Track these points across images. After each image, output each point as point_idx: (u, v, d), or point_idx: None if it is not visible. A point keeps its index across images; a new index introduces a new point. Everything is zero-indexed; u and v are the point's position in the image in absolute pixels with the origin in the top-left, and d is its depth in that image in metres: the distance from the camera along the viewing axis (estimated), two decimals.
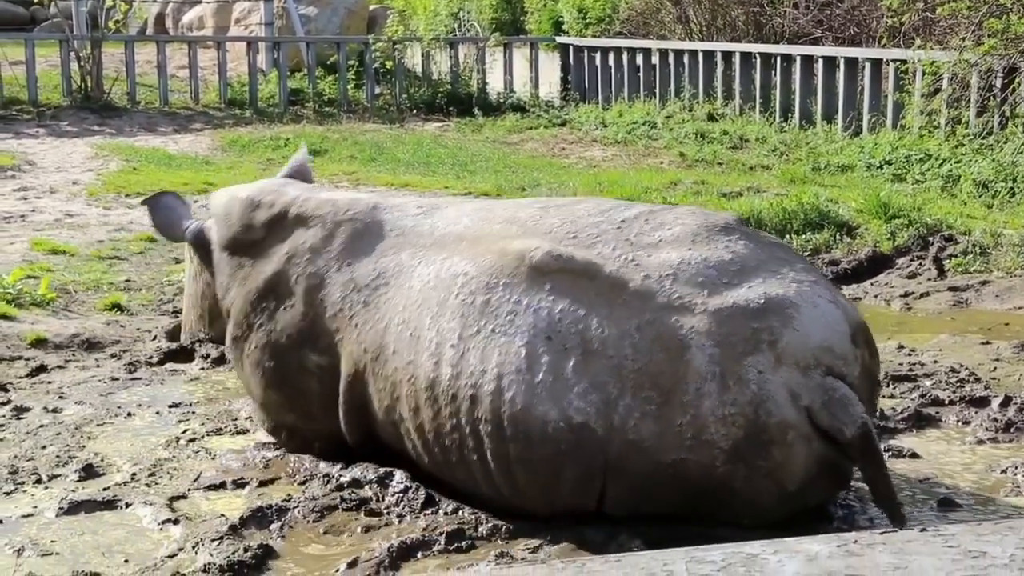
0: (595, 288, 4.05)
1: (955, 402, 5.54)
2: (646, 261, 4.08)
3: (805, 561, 2.13)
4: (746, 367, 3.83)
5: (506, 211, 4.62)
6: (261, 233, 5.15)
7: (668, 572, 2.10)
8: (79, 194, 12.11)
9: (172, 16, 25.11)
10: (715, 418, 3.83)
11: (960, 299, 7.78)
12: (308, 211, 5.05)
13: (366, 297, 4.62)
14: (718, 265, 4.03)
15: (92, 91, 18.55)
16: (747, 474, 3.86)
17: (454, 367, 4.16)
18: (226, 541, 4.15)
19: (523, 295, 4.13)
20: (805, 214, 9.36)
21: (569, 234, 4.28)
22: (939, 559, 2.11)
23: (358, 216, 4.89)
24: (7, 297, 7.52)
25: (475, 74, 20.26)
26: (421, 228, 4.70)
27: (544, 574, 2.09)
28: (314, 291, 4.81)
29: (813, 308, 3.96)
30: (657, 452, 3.87)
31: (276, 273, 4.97)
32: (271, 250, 5.06)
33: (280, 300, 4.93)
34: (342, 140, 15.98)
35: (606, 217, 4.34)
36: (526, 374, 4.00)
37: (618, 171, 13.00)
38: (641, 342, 3.91)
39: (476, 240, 4.45)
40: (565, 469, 3.98)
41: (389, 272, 4.61)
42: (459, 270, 4.34)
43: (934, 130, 12.49)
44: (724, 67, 16.36)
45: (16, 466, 4.99)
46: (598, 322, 3.97)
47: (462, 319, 4.21)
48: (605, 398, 3.90)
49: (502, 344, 4.08)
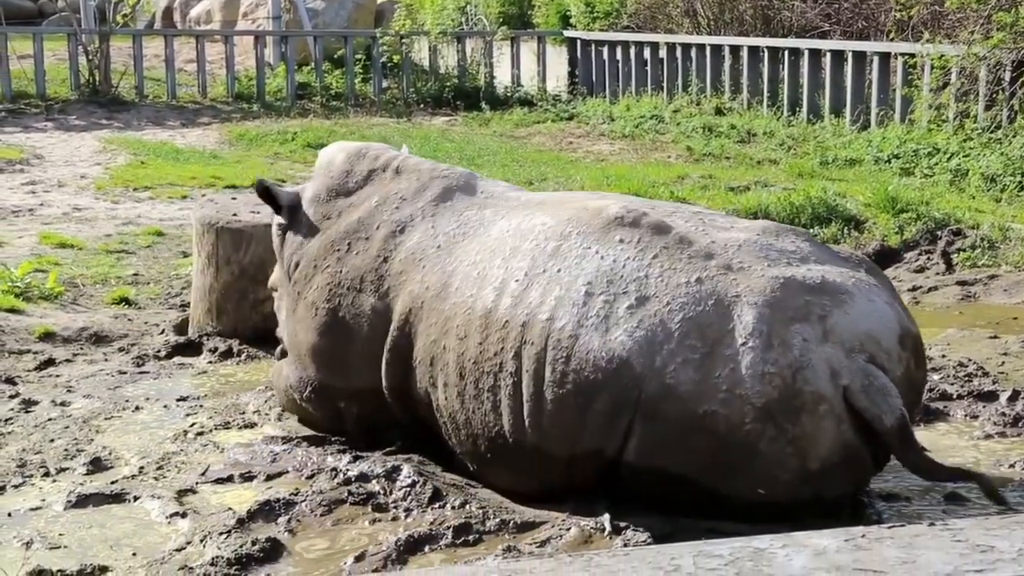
0: (663, 242, 4.23)
1: (963, 396, 5.53)
2: (716, 235, 4.30)
3: (813, 555, 2.12)
4: (792, 332, 3.93)
5: (589, 193, 4.94)
6: (359, 182, 5.31)
7: (675, 566, 2.10)
8: (87, 188, 12.12)
9: (180, 10, 25.12)
10: (753, 373, 3.89)
11: (968, 293, 7.77)
12: (409, 166, 5.25)
13: (442, 242, 4.80)
14: (783, 250, 4.23)
15: (100, 85, 18.57)
16: (773, 435, 3.89)
17: (515, 298, 4.34)
18: (234, 535, 4.16)
19: (594, 243, 4.32)
20: (813, 208, 9.35)
21: (649, 207, 4.52)
22: (947, 553, 2.11)
23: (453, 175, 5.13)
24: (15, 291, 7.53)
25: (482, 68, 20.25)
26: (510, 195, 4.97)
27: (551, 568, 2.09)
28: (393, 236, 4.96)
29: (868, 301, 4.08)
30: (691, 399, 3.93)
31: (360, 219, 5.12)
32: (363, 197, 5.22)
33: (356, 243, 5.06)
34: (349, 134, 15.98)
35: (685, 209, 4.64)
36: (581, 307, 4.17)
37: (625, 165, 12.99)
38: (697, 293, 4.04)
39: (560, 203, 4.71)
40: (597, 400, 4.05)
41: (471, 224, 4.81)
42: (538, 222, 4.56)
43: (942, 124, 12.47)
44: (732, 61, 16.34)
45: (24, 459, 5.00)
46: (659, 271, 4.14)
47: (532, 260, 4.41)
48: (651, 339, 4.01)
49: (565, 282, 4.26)
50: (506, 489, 4.44)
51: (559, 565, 2.08)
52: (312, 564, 4.03)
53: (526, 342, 4.22)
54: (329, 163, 5.47)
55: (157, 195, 11.63)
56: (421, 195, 5.05)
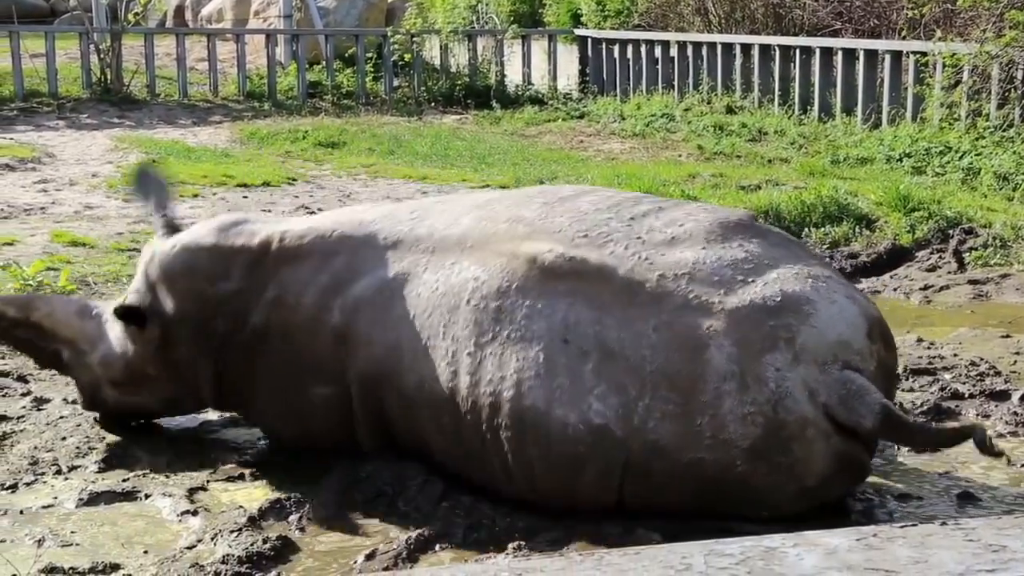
0: (610, 289, 4.00)
1: (975, 396, 5.51)
2: (660, 260, 4.04)
3: (824, 554, 2.12)
4: (764, 365, 3.82)
5: (508, 209, 4.45)
6: (237, 283, 4.82)
7: (686, 565, 2.10)
8: (99, 186, 12.15)
9: (191, 8, 25.16)
10: (734, 417, 3.82)
11: (980, 292, 7.75)
12: (292, 244, 4.75)
13: (372, 315, 4.46)
14: (733, 263, 4.00)
15: (112, 84, 18.60)
16: (767, 471, 3.86)
17: (472, 375, 4.13)
18: (245, 533, 4.17)
19: (537, 299, 4.07)
20: (824, 207, 9.32)
21: (579, 233, 4.20)
22: (959, 553, 2.11)
23: (347, 234, 4.66)
24: (28, 288, 7.55)
25: (493, 67, 20.24)
26: (418, 232, 4.52)
27: (562, 566, 2.09)
28: (309, 324, 4.61)
29: (831, 304, 3.95)
30: (677, 451, 3.88)
31: (260, 323, 4.75)
32: (252, 299, 4.77)
33: (271, 345, 4.72)
34: (360, 133, 16.00)
35: (615, 214, 4.27)
36: (544, 378, 3.98)
37: (636, 164, 12.97)
38: (659, 343, 3.89)
39: (482, 243, 4.32)
40: (585, 470, 3.99)
41: (394, 286, 4.44)
42: (469, 275, 4.23)
43: (954, 123, 12.43)
44: (743, 59, 16.31)
45: (37, 457, 5.01)
46: (614, 323, 3.95)
47: (476, 326, 4.14)
48: (624, 399, 3.90)
49: (519, 350, 4.04)
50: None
51: (570, 564, 2.08)
52: (323, 562, 4.03)
53: (500, 425, 4.07)
54: (189, 270, 4.91)
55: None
56: (319, 268, 4.64)
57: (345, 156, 14.25)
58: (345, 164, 13.61)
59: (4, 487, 4.69)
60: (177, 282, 4.94)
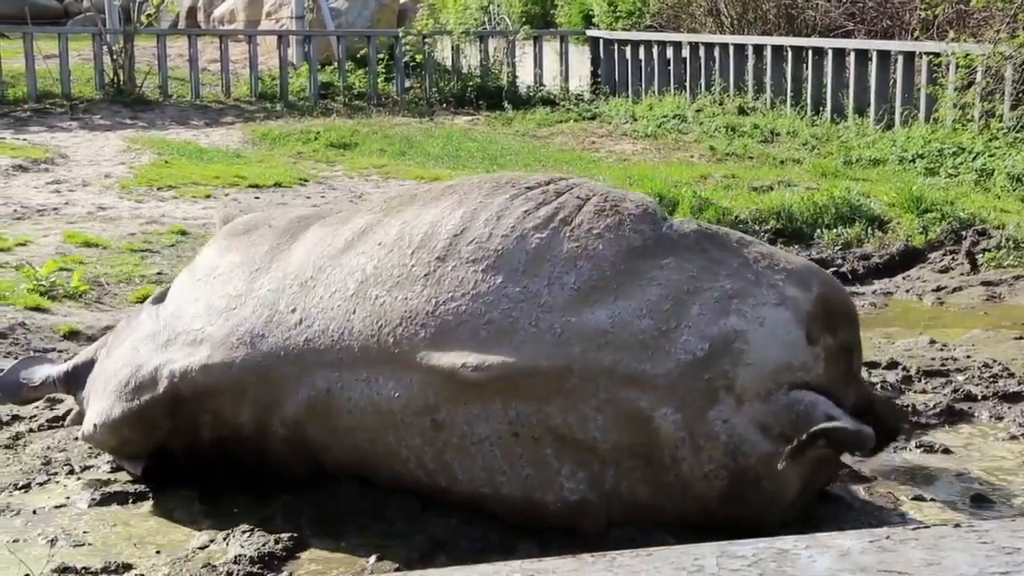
0: (539, 380, 3.80)
1: (988, 397, 5.50)
2: (576, 331, 3.79)
3: (837, 557, 2.11)
4: (711, 422, 3.74)
5: (392, 297, 4.06)
6: (164, 426, 4.54)
7: (698, 567, 2.10)
8: (111, 187, 12.18)
9: (204, 10, 25.22)
10: (696, 477, 3.79)
11: (993, 294, 7.72)
12: (201, 385, 4.38)
13: (316, 428, 4.24)
14: (651, 309, 3.78)
15: (124, 85, 18.64)
16: (744, 510, 3.85)
17: (446, 476, 4.05)
18: (257, 533, 4.17)
19: (470, 406, 3.90)
20: (836, 208, 9.30)
21: (483, 323, 3.87)
22: (973, 555, 2.10)
23: (248, 358, 4.27)
24: (40, 289, 7.58)
25: (505, 67, 20.24)
26: (317, 344, 4.15)
27: (574, 567, 2.09)
28: (260, 438, 4.43)
29: (759, 329, 3.77)
30: (656, 507, 3.87)
31: (214, 436, 4.52)
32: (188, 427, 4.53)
33: (231, 446, 4.53)
34: (372, 133, 16.01)
35: (506, 275, 3.91)
36: (511, 472, 3.93)
37: (648, 165, 12.96)
38: (604, 423, 3.79)
39: (386, 354, 4.00)
40: (578, 530, 3.96)
41: (317, 405, 4.20)
42: (390, 394, 4.00)
43: (967, 123, 12.39)
44: (755, 60, 16.28)
45: (49, 457, 5.03)
46: (556, 411, 3.82)
47: (422, 436, 4.00)
48: (591, 472, 3.86)
49: (475, 452, 3.95)
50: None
51: (582, 565, 2.08)
52: (335, 562, 4.03)
53: (491, 509, 4.04)
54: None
55: (181, 194, 11.67)
56: (240, 397, 4.34)
57: (357, 157, 14.26)
58: (357, 165, 13.63)
59: (17, 487, 4.71)
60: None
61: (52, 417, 5.49)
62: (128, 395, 4.53)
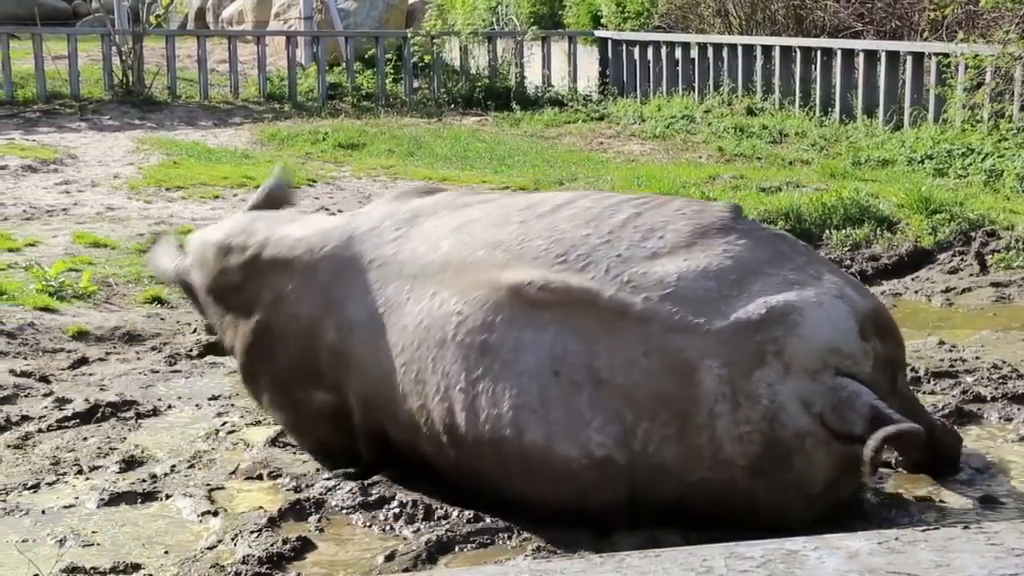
0: (595, 316, 3.93)
1: (997, 399, 5.48)
2: (643, 280, 3.95)
3: (846, 558, 2.11)
4: (755, 383, 3.79)
5: (486, 231, 4.38)
6: (239, 277, 4.99)
7: (707, 568, 2.10)
8: (120, 187, 12.20)
9: (212, 11, 25.27)
10: (730, 437, 3.81)
11: (1002, 295, 7.71)
12: (282, 253, 4.84)
13: (361, 339, 4.44)
14: (717, 274, 3.93)
15: (133, 85, 18.67)
16: (769, 486, 3.85)
17: (468, 411, 4.08)
18: (265, 533, 4.17)
19: (523, 331, 4.01)
20: (845, 209, 9.29)
21: (559, 257, 4.11)
22: (981, 556, 2.10)
23: (335, 252, 4.67)
24: (49, 290, 7.60)
25: (513, 68, 20.23)
26: (402, 256, 4.49)
27: (582, 568, 2.09)
28: (305, 335, 4.65)
29: (817, 309, 3.88)
30: (681, 472, 3.87)
31: (263, 319, 4.83)
32: (253, 296, 4.89)
33: (274, 344, 4.79)
34: (380, 134, 16.02)
35: (594, 229, 4.18)
36: (541, 414, 3.95)
37: (656, 165, 12.95)
38: (650, 368, 3.85)
39: (462, 271, 4.26)
40: (592, 500, 3.98)
41: (379, 312, 4.42)
42: (451, 308, 4.17)
43: (977, 124, 12.37)
44: (764, 61, 16.26)
45: (58, 457, 5.04)
46: (603, 351, 3.90)
47: (464, 361, 4.09)
48: (622, 427, 3.87)
49: (511, 385, 4.00)
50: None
51: (590, 565, 2.08)
52: (342, 563, 4.04)
53: (503, 461, 4.06)
54: (203, 260, 5.23)
55: (189, 195, 11.69)
56: (311, 282, 4.68)
57: (365, 157, 14.27)
58: (365, 166, 13.63)
59: (26, 487, 4.72)
60: (197, 270, 5.29)
61: (61, 417, 5.50)
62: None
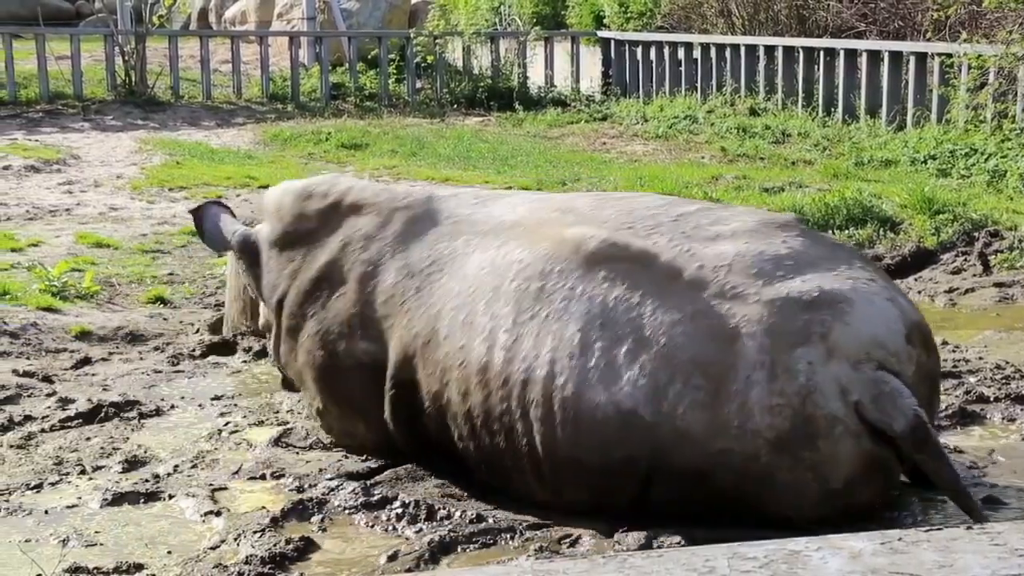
0: (649, 276, 4.07)
1: (1000, 399, 5.48)
2: (701, 252, 4.10)
3: (849, 558, 2.11)
4: (796, 358, 3.83)
5: (563, 201, 4.70)
6: (314, 223, 5.16)
7: (710, 568, 2.09)
8: (123, 188, 12.21)
9: (215, 11, 25.28)
10: (762, 407, 3.82)
11: (1006, 295, 7.70)
12: (364, 199, 5.09)
13: (419, 283, 4.64)
14: (774, 258, 4.05)
15: (136, 85, 18.68)
16: (791, 465, 3.85)
17: (507, 351, 4.18)
18: (268, 533, 4.18)
19: (578, 281, 4.15)
20: (848, 209, 9.28)
21: (625, 224, 4.30)
22: (985, 557, 2.09)
23: (414, 204, 4.94)
24: (52, 290, 7.60)
25: (516, 68, 20.23)
26: (477, 216, 4.74)
27: (585, 568, 2.09)
28: (367, 278, 4.82)
29: (868, 304, 3.96)
30: (704, 440, 3.88)
31: (329, 262, 4.99)
32: (325, 239, 5.08)
33: (333, 288, 4.94)
34: (383, 134, 16.02)
35: (663, 211, 4.38)
36: (579, 359, 4.02)
37: (659, 166, 12.95)
38: (693, 331, 3.92)
39: (532, 228, 4.47)
40: (612, 454, 3.99)
41: (443, 259, 4.63)
42: (514, 257, 4.36)
43: (980, 124, 12.36)
44: (767, 61, 16.26)
45: (61, 457, 5.04)
46: (651, 310, 3.99)
47: (516, 305, 4.23)
48: (655, 385, 3.91)
49: (555, 330, 4.10)
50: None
51: (593, 566, 2.08)
52: (345, 563, 4.04)
53: (531, 402, 4.10)
54: (279, 208, 5.36)
55: (192, 195, 11.69)
56: (384, 230, 4.89)
57: (368, 158, 14.27)
58: (368, 166, 13.63)
59: (29, 487, 4.72)
60: (268, 221, 5.42)
61: (64, 417, 5.50)
62: None
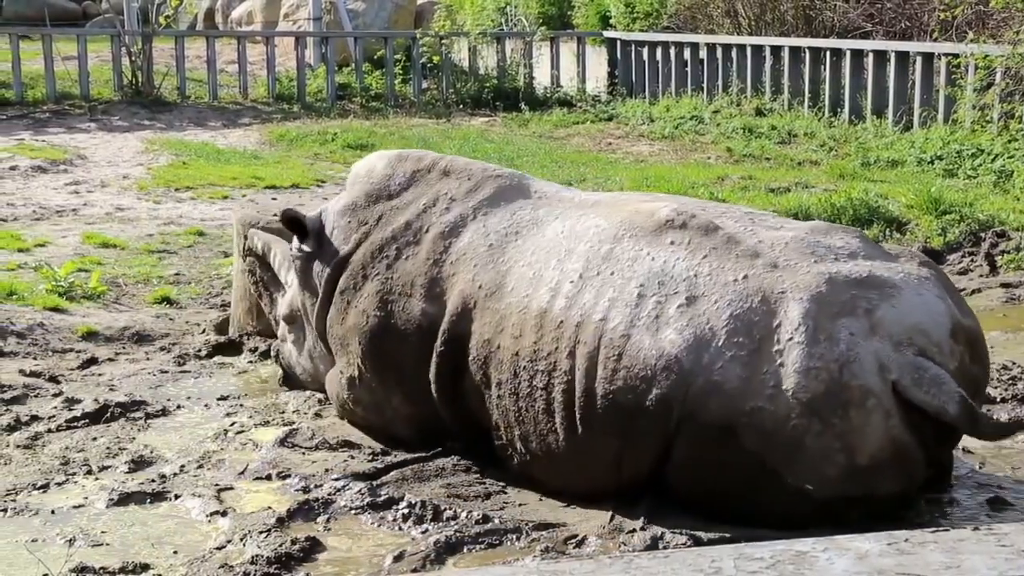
0: (712, 243, 4.28)
1: (1007, 400, 5.48)
2: (764, 233, 4.33)
3: (855, 559, 2.11)
4: (839, 326, 3.94)
5: (643, 195, 5.06)
6: (402, 184, 5.31)
7: (716, 569, 2.09)
8: (129, 188, 12.22)
9: (222, 11, 25.29)
10: (799, 369, 3.89)
11: (1012, 296, 7.69)
12: (458, 167, 5.28)
13: (494, 241, 4.83)
14: (831, 247, 4.24)
15: (143, 86, 18.70)
16: (820, 431, 3.88)
17: (569, 299, 4.40)
18: (273, 533, 4.18)
19: (646, 244, 4.39)
20: (854, 210, 9.28)
21: (700, 208, 4.56)
22: (992, 558, 2.09)
23: (507, 176, 5.17)
24: (59, 290, 7.61)
25: (522, 69, 20.23)
26: (563, 195, 5.03)
27: (591, 569, 2.09)
28: (444, 237, 4.98)
29: (917, 295, 4.08)
30: (737, 396, 3.94)
31: (408, 222, 5.14)
32: (408, 201, 5.23)
33: (405, 248, 5.07)
34: (389, 135, 16.02)
35: (736, 209, 4.70)
36: (633, 308, 4.22)
37: (665, 166, 12.95)
38: (743, 291, 4.07)
39: (613, 204, 4.77)
40: (647, 396, 4.06)
41: (524, 225, 4.85)
42: (591, 224, 4.62)
43: (986, 125, 12.34)
44: (773, 61, 16.25)
45: (68, 457, 5.05)
46: (708, 271, 4.19)
47: (585, 262, 4.47)
48: (699, 337, 4.04)
49: (618, 284, 4.32)
50: (555, 490, 4.43)
51: (599, 566, 2.08)
52: (351, 563, 4.04)
53: (579, 341, 4.27)
54: (369, 171, 5.48)
55: (198, 195, 11.71)
56: (473, 195, 5.08)
57: None
58: None
59: (36, 487, 4.73)
60: (352, 186, 5.50)
61: (70, 418, 5.51)
62: None
